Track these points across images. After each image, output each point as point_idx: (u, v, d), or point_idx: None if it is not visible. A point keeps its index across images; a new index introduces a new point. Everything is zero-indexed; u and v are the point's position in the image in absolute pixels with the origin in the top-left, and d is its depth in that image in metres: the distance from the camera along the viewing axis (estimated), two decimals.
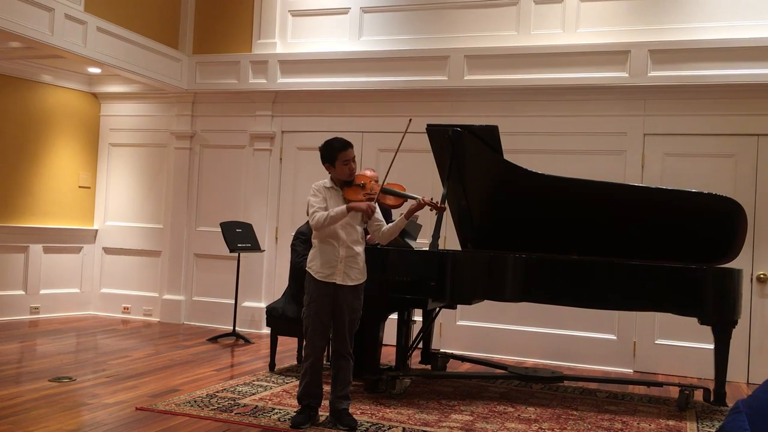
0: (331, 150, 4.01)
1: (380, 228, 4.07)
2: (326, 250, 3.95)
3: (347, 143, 4.02)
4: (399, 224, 4.05)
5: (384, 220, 4.13)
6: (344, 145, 4.00)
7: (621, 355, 6.35)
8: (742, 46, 6.03)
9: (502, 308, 6.36)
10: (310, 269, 4.00)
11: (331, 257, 3.94)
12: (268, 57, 7.55)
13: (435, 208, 4.20)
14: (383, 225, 4.09)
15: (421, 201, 4.07)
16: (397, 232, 4.09)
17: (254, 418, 4.06)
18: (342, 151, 3.98)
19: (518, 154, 5.84)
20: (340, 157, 3.98)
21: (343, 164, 3.98)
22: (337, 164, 3.99)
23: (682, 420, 4.55)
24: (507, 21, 6.83)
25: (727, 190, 5.61)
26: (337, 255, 3.93)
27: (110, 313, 8.15)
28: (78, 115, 8.17)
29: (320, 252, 3.97)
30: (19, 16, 5.85)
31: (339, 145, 4.00)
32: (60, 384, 4.71)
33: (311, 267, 4.00)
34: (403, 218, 4.05)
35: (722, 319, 4.71)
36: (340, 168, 3.99)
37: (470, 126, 4.99)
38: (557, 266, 4.83)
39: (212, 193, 7.88)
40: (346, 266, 3.94)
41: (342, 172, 3.99)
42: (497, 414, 4.47)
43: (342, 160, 3.98)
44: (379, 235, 4.09)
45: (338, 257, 3.93)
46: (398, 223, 4.05)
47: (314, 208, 3.96)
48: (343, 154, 3.98)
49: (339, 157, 3.98)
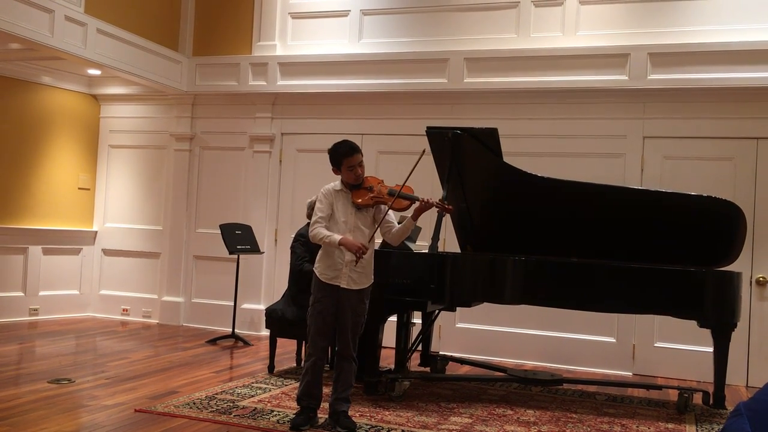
0: (336, 155, 3.98)
1: (391, 230, 4.06)
2: (333, 252, 3.93)
3: (353, 148, 3.96)
4: (408, 225, 4.02)
5: (395, 222, 4.11)
6: (349, 151, 3.95)
7: (620, 358, 6.35)
8: (742, 50, 6.04)
9: (502, 311, 6.35)
10: (316, 270, 4.00)
11: (336, 260, 3.93)
12: (267, 59, 7.56)
13: (443, 209, 4.14)
14: (394, 226, 4.07)
15: (429, 202, 4.00)
16: (407, 233, 4.06)
17: (253, 420, 4.06)
18: (347, 157, 3.93)
19: (518, 156, 5.84)
20: (346, 163, 3.94)
21: (348, 170, 3.94)
22: (343, 169, 3.95)
23: (681, 423, 4.55)
24: (507, 24, 6.84)
25: (727, 193, 5.61)
26: (343, 259, 3.92)
27: (109, 314, 8.14)
28: (78, 117, 8.17)
29: (327, 254, 3.96)
30: (19, 17, 5.85)
31: (344, 151, 3.96)
32: (59, 386, 4.70)
33: (317, 268, 4.00)
34: (411, 219, 4.00)
35: (722, 322, 4.71)
36: (345, 173, 3.96)
37: (470, 128, 5.00)
38: (557, 269, 4.83)
39: (212, 195, 7.88)
40: (352, 270, 3.93)
41: (348, 177, 3.97)
42: (496, 417, 4.47)
43: (347, 165, 3.93)
44: (390, 237, 4.08)
45: (344, 261, 3.92)
46: (407, 224, 4.02)
47: (316, 217, 3.95)
48: (348, 159, 3.93)
49: (344, 162, 3.94)
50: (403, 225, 4.04)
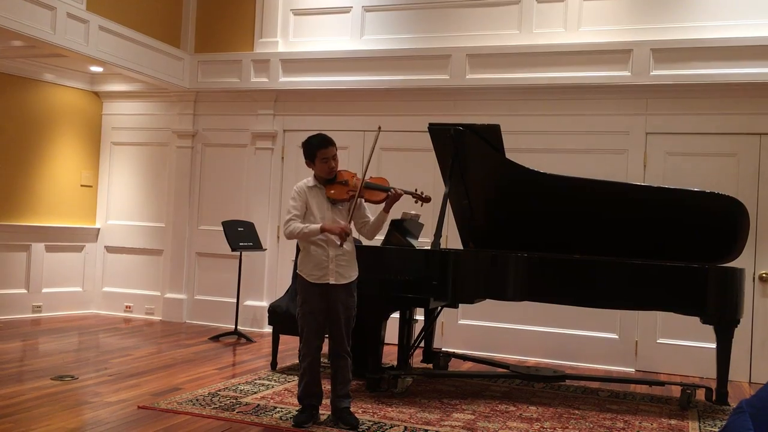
0: (309, 147, 3.97)
1: (366, 225, 4.04)
2: (316, 252, 3.91)
3: (327, 140, 3.96)
4: (381, 218, 4.00)
5: (370, 217, 4.08)
6: (323, 143, 3.94)
7: (623, 354, 6.35)
8: (745, 45, 6.02)
9: (504, 307, 6.35)
10: (302, 272, 3.97)
11: (321, 259, 3.90)
12: (269, 56, 7.55)
13: (419, 198, 4.07)
14: (369, 221, 4.05)
15: (398, 192, 3.94)
16: (380, 227, 4.05)
17: (256, 417, 4.07)
18: (321, 149, 3.93)
19: (520, 153, 5.84)
20: (319, 155, 3.93)
21: (322, 162, 3.93)
22: (317, 162, 3.94)
23: (684, 419, 4.55)
24: (509, 20, 6.83)
25: (730, 190, 5.61)
26: (328, 255, 3.90)
27: (112, 311, 8.16)
28: (80, 114, 8.17)
29: (310, 254, 3.93)
30: (22, 14, 5.85)
31: (317, 143, 3.95)
32: (62, 382, 4.71)
33: (302, 270, 3.97)
34: (384, 212, 3.97)
35: (724, 319, 4.70)
36: (319, 165, 3.95)
37: (472, 125, 4.99)
38: (559, 265, 4.82)
39: (214, 192, 7.88)
40: (338, 265, 3.91)
41: (321, 169, 3.95)
42: (499, 413, 4.47)
43: (321, 157, 3.93)
44: (365, 231, 4.06)
45: (329, 257, 3.90)
46: (380, 217, 4.00)
47: (290, 215, 3.91)
48: (322, 151, 3.92)
49: (318, 154, 3.93)
50: (376, 218, 4.01)
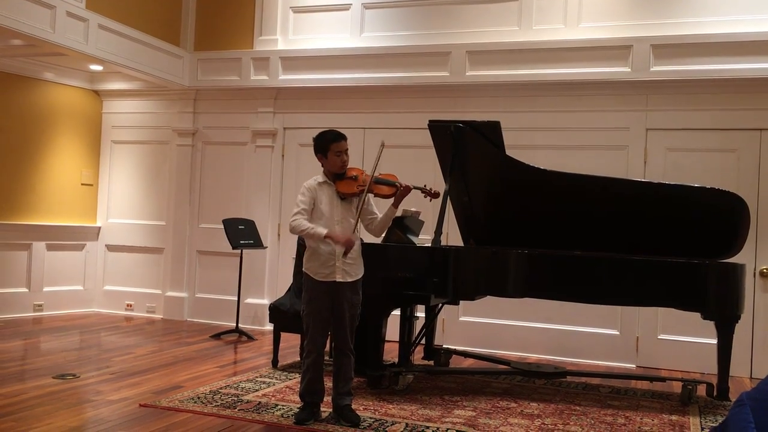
0: (323, 141, 3.99)
1: (373, 221, 4.06)
2: (323, 249, 3.92)
3: (340, 135, 4.01)
4: (389, 214, 4.02)
5: (378, 213, 4.10)
6: (337, 137, 3.99)
7: (624, 351, 6.35)
8: (745, 40, 6.01)
9: (505, 304, 6.35)
10: (308, 270, 3.97)
11: (328, 256, 3.91)
12: (269, 53, 7.55)
13: (428, 194, 4.15)
14: (376, 218, 4.07)
15: (407, 187, 3.99)
16: (388, 223, 4.07)
17: (257, 414, 4.07)
18: (334, 142, 3.96)
19: (520, 149, 5.83)
20: (333, 148, 3.96)
21: (335, 155, 3.95)
22: (330, 155, 3.96)
23: (685, 415, 4.55)
24: (509, 16, 6.82)
25: (730, 185, 5.59)
26: (334, 253, 3.91)
27: (113, 310, 8.16)
28: (80, 113, 8.17)
29: (317, 252, 3.94)
30: (21, 13, 5.85)
31: (332, 136, 3.99)
32: (64, 381, 4.72)
33: (309, 268, 3.97)
34: (392, 207, 4.00)
35: (725, 314, 4.71)
36: (332, 159, 3.96)
37: (472, 122, 4.99)
38: (560, 262, 4.82)
39: (214, 190, 7.88)
40: (345, 263, 3.92)
41: (334, 163, 3.97)
42: (500, 409, 4.48)
43: (335, 151, 3.96)
44: (372, 228, 4.07)
45: (335, 255, 3.91)
46: (388, 212, 4.01)
47: (298, 209, 3.92)
48: (335, 145, 3.96)
49: (331, 148, 3.96)
50: (384, 215, 4.03)
